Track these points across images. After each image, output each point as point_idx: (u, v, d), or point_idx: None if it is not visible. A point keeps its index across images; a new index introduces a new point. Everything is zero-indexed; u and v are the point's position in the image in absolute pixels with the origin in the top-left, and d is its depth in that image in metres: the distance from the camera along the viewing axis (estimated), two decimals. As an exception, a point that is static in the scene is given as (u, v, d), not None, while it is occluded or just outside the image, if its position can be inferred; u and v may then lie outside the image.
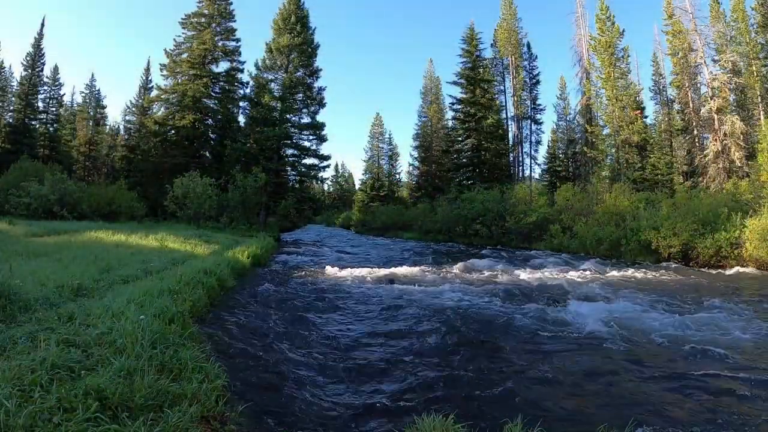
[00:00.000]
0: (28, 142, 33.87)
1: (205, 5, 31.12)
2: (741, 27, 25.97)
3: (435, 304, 7.54)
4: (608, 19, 28.15)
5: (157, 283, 5.89)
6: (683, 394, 3.82)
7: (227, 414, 2.96)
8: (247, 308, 6.90)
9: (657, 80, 34.77)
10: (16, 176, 21.52)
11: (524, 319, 6.57)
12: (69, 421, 2.25)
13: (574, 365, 4.57)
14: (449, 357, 4.82)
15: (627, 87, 28.08)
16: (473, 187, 28.92)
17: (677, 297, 8.32)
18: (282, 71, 30.25)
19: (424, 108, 46.00)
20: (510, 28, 37.10)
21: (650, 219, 16.17)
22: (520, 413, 2.92)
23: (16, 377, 2.56)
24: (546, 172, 40.54)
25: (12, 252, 8.06)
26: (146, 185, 28.08)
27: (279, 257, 15.52)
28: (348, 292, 8.80)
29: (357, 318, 6.72)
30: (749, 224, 13.41)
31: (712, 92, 24.59)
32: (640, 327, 5.97)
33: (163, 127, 30.66)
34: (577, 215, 20.84)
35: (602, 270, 12.46)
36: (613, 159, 28.82)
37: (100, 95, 43.99)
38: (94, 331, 3.63)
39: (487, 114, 34.05)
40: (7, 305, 4.16)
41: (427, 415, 2.81)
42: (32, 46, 35.84)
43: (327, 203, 71.72)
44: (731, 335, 5.57)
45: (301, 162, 31.26)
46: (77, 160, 40.37)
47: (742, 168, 22.38)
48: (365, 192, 50.48)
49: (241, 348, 4.89)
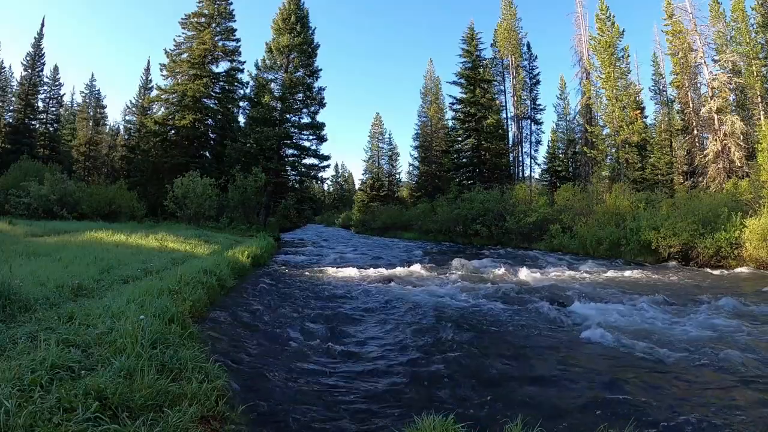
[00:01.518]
0: (28, 142, 33.90)
1: (205, 5, 31.10)
2: (741, 27, 25.93)
3: (435, 304, 7.54)
4: (608, 19, 28.16)
5: (157, 283, 5.88)
6: (683, 394, 3.82)
7: (227, 414, 2.96)
8: (247, 308, 6.89)
9: (657, 80, 34.80)
10: (16, 176, 21.50)
11: (524, 318, 6.57)
12: (69, 421, 2.24)
13: (574, 365, 4.57)
14: (449, 357, 4.81)
15: (627, 87, 28.09)
16: (473, 187, 28.94)
17: (677, 297, 8.32)
18: (282, 71, 30.24)
19: (424, 108, 45.99)
20: (510, 28, 37.11)
21: (650, 219, 16.17)
22: (520, 413, 2.92)
23: (16, 377, 2.55)
24: (546, 172, 40.56)
25: (12, 252, 8.05)
26: (146, 185, 28.07)
27: (279, 257, 15.52)
28: (348, 292, 8.81)
29: (357, 318, 6.72)
30: (749, 224, 13.41)
31: (712, 92, 24.59)
32: (640, 327, 5.97)
33: (163, 127, 30.65)
34: (577, 215, 20.84)
35: (602, 270, 12.46)
36: (613, 159, 28.81)
37: (100, 95, 44.10)
38: (94, 331, 3.63)
39: (487, 114, 34.06)
40: (7, 305, 4.16)
41: (427, 415, 2.81)
42: (32, 46, 35.88)
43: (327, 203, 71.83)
44: (731, 335, 5.57)
45: (301, 162, 31.27)
46: (77, 160, 40.39)
47: (742, 168, 22.36)
48: (365, 192, 50.48)
49: (242, 348, 4.89)
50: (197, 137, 30.66)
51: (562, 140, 40.53)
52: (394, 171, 53.87)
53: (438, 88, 45.95)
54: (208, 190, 22.44)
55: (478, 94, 34.30)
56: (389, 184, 51.95)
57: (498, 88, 37.32)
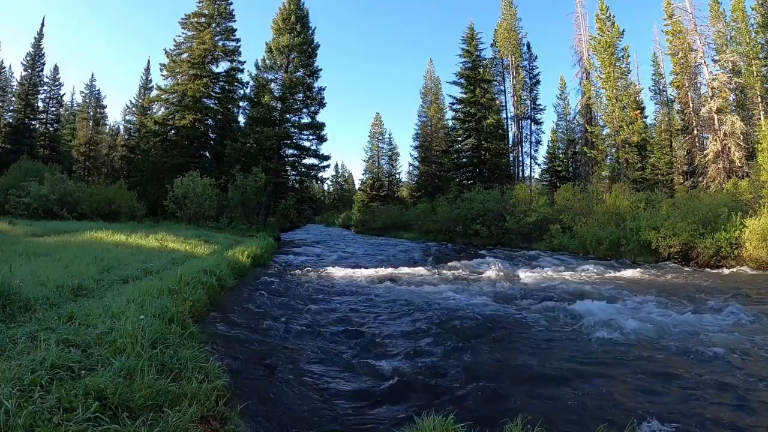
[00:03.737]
0: (28, 142, 33.89)
1: (205, 5, 31.10)
2: (741, 27, 25.92)
3: (434, 304, 7.54)
4: (608, 19, 28.16)
5: (157, 283, 5.89)
6: (683, 393, 3.82)
7: (227, 414, 2.96)
8: (247, 308, 6.89)
9: (657, 80, 34.79)
10: (16, 176, 21.50)
11: (523, 318, 6.58)
12: (69, 421, 2.24)
13: (574, 365, 4.57)
14: (449, 356, 4.82)
15: (627, 87, 28.08)
16: (473, 187, 28.92)
17: (677, 297, 8.32)
18: (282, 71, 30.24)
19: (424, 108, 45.98)
20: (510, 28, 37.10)
21: (650, 219, 16.17)
22: (520, 413, 2.92)
23: (16, 377, 2.55)
24: (546, 172, 40.56)
25: (12, 252, 8.05)
26: (146, 185, 28.06)
27: (279, 257, 15.52)
28: (347, 292, 8.80)
29: (356, 318, 6.71)
30: (749, 224, 13.41)
31: (712, 92, 24.58)
32: (640, 327, 5.96)
33: (163, 127, 30.65)
34: (577, 215, 20.84)
35: (602, 270, 12.46)
36: (613, 159, 28.81)
37: (100, 95, 44.09)
38: (94, 331, 3.63)
39: (487, 114, 34.05)
40: (7, 305, 4.16)
41: (427, 415, 2.81)
42: (32, 46, 35.88)
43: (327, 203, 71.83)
44: (731, 335, 5.57)
45: (301, 162, 31.26)
46: (77, 160, 40.38)
47: (742, 168, 22.35)
48: (365, 192, 50.46)
49: (241, 348, 4.89)
50: (197, 137, 30.66)
51: (562, 140, 40.53)
52: (394, 171, 53.92)
53: (438, 88, 45.98)
54: (208, 190, 22.44)
55: (478, 94, 34.30)
56: (389, 184, 51.95)
57: (498, 88, 37.35)
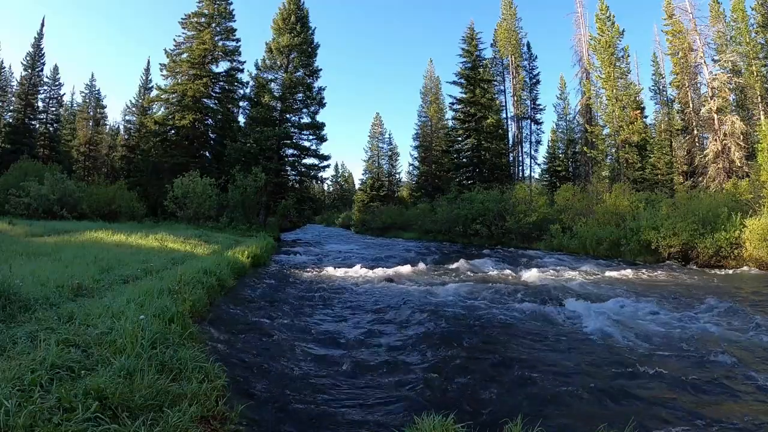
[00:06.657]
0: (28, 142, 33.84)
1: (205, 5, 31.08)
2: (741, 27, 25.95)
3: (434, 304, 7.54)
4: (608, 19, 28.16)
5: (157, 282, 5.88)
6: (682, 393, 3.82)
7: (227, 414, 2.96)
8: (247, 308, 6.90)
9: (657, 80, 34.79)
10: (16, 176, 21.47)
11: (523, 318, 6.58)
12: (69, 421, 2.25)
13: (574, 365, 4.57)
14: (449, 356, 4.82)
15: (627, 87, 28.09)
16: (473, 187, 28.94)
17: (677, 297, 8.32)
18: (282, 71, 30.23)
19: (424, 108, 45.97)
20: (510, 28, 37.12)
21: (650, 219, 16.18)
22: (520, 413, 2.92)
23: (16, 377, 2.55)
24: (546, 172, 40.58)
25: (12, 252, 8.04)
26: (146, 185, 28.07)
27: (279, 257, 15.51)
28: (347, 292, 8.81)
29: (356, 317, 6.72)
30: (749, 224, 13.42)
31: (712, 92, 24.59)
32: (640, 327, 5.97)
33: (163, 127, 30.64)
34: (577, 215, 20.85)
35: (602, 270, 12.46)
36: (613, 159, 28.82)
37: (100, 95, 43.96)
38: (94, 331, 3.63)
39: (487, 114, 34.06)
40: (7, 305, 4.15)
41: (427, 415, 2.81)
42: (32, 46, 35.81)
43: (327, 203, 71.75)
44: (731, 335, 5.57)
45: (301, 162, 31.26)
46: (77, 160, 40.34)
47: (742, 168, 22.37)
48: (365, 192, 50.42)
49: (241, 348, 4.89)
50: (197, 137, 30.65)
51: (562, 140, 40.54)
52: (394, 171, 53.85)
53: (438, 88, 45.97)
54: (208, 190, 22.45)
55: (478, 94, 34.30)
56: (389, 184, 51.90)
57: (498, 88, 37.40)
